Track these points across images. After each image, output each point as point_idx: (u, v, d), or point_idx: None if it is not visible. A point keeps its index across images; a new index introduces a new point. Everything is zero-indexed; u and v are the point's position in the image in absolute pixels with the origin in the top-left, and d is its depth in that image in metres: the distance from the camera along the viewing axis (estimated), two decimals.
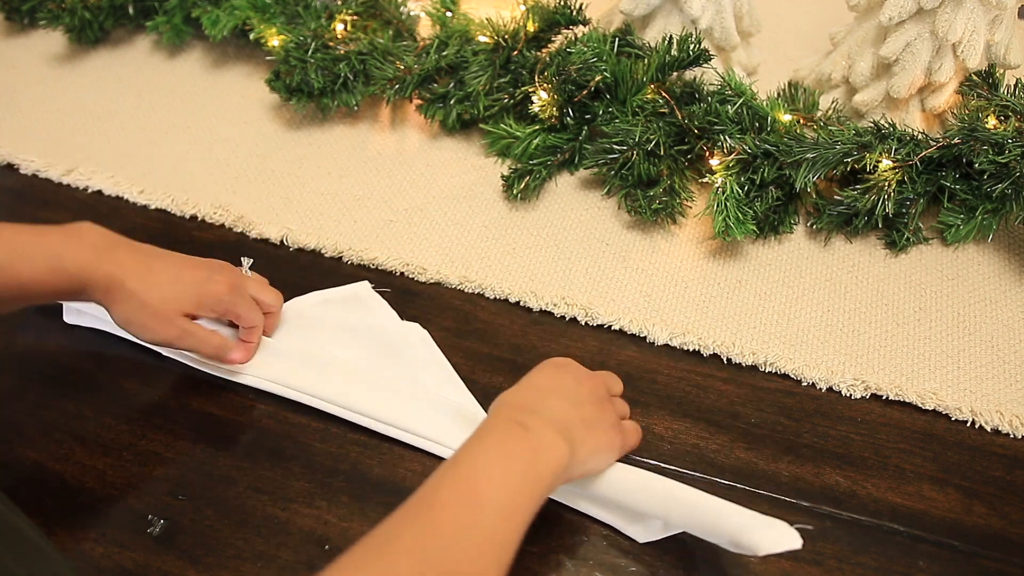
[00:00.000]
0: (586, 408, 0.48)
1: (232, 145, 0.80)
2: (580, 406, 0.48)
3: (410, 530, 0.38)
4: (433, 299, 0.67)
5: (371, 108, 0.83)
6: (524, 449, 0.43)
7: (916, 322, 0.65)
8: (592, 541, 0.53)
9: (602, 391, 0.52)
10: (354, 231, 0.72)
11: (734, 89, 0.71)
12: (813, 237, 0.71)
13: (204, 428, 0.58)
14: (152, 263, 0.53)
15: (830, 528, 0.53)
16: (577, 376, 0.51)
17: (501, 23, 0.77)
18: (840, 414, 0.60)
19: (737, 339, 0.63)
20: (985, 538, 0.53)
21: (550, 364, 0.52)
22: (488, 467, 0.41)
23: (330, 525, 0.53)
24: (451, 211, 0.73)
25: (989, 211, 0.67)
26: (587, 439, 0.47)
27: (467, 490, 0.40)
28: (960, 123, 0.68)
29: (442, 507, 0.39)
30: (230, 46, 0.91)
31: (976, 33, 0.68)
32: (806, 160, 0.65)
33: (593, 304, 0.65)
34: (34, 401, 0.60)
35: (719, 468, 0.56)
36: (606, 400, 0.51)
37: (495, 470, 0.41)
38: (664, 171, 0.71)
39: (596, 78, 0.72)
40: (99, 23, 0.88)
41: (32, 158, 0.78)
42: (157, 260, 0.54)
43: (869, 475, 0.56)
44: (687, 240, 0.71)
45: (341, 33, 0.80)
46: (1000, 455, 0.57)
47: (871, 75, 0.74)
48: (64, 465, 0.56)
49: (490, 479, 0.41)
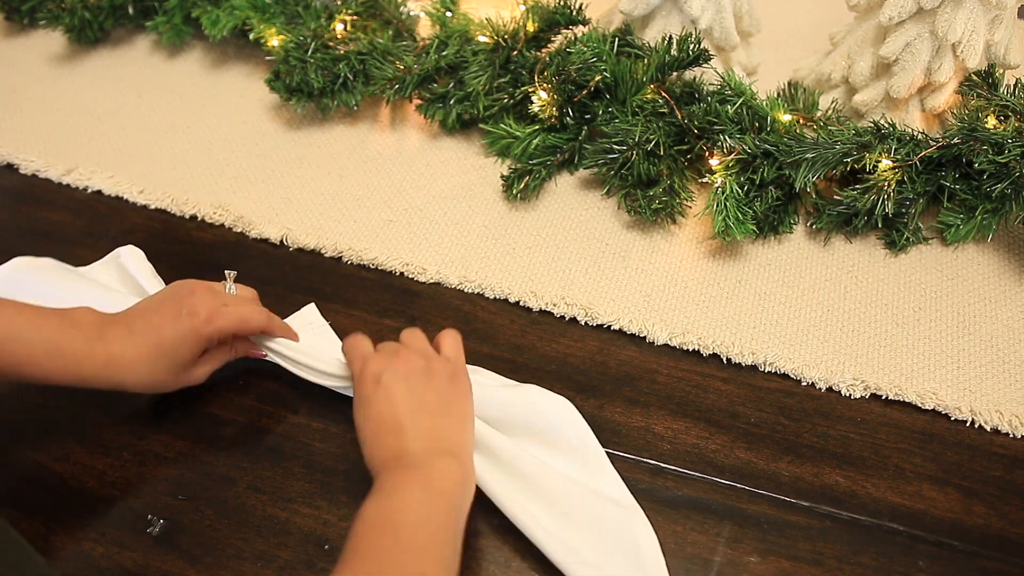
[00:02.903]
0: (430, 396, 0.50)
1: (232, 145, 0.80)
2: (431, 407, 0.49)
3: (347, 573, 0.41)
4: (433, 299, 0.67)
5: (371, 108, 0.83)
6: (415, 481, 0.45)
7: (916, 322, 0.65)
8: None
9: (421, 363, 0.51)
10: (354, 231, 0.72)
11: (734, 89, 0.71)
12: (813, 237, 0.71)
13: (204, 428, 0.58)
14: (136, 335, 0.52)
15: (830, 528, 0.53)
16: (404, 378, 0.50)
17: (501, 23, 0.77)
18: (840, 414, 0.60)
19: (737, 339, 0.63)
20: (985, 538, 0.53)
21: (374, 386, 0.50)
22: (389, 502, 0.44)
23: (330, 525, 0.53)
24: (451, 211, 0.73)
25: (989, 211, 0.67)
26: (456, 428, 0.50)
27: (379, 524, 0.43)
28: (960, 123, 0.68)
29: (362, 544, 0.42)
30: (230, 46, 0.91)
31: (976, 33, 0.68)
32: (806, 160, 0.65)
33: (593, 304, 0.65)
34: (34, 401, 0.60)
35: (719, 468, 0.56)
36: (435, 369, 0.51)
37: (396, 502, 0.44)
38: (664, 171, 0.71)
39: (596, 78, 0.72)
40: (99, 23, 0.88)
41: (32, 158, 0.78)
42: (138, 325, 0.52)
43: (869, 475, 0.56)
44: (687, 240, 0.71)
45: (341, 33, 0.80)
46: (1000, 455, 0.57)
47: (871, 75, 0.74)
48: (64, 465, 0.56)
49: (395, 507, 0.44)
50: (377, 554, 0.42)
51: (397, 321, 0.65)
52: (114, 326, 0.52)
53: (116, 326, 0.52)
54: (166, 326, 0.52)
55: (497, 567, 0.51)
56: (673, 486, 0.55)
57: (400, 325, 0.63)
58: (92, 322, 0.51)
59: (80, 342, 0.50)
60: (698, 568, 0.52)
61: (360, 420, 0.50)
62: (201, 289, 0.54)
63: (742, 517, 0.54)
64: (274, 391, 0.60)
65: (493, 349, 0.63)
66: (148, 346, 0.51)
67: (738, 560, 0.52)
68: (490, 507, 0.54)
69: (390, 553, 0.42)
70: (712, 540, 0.53)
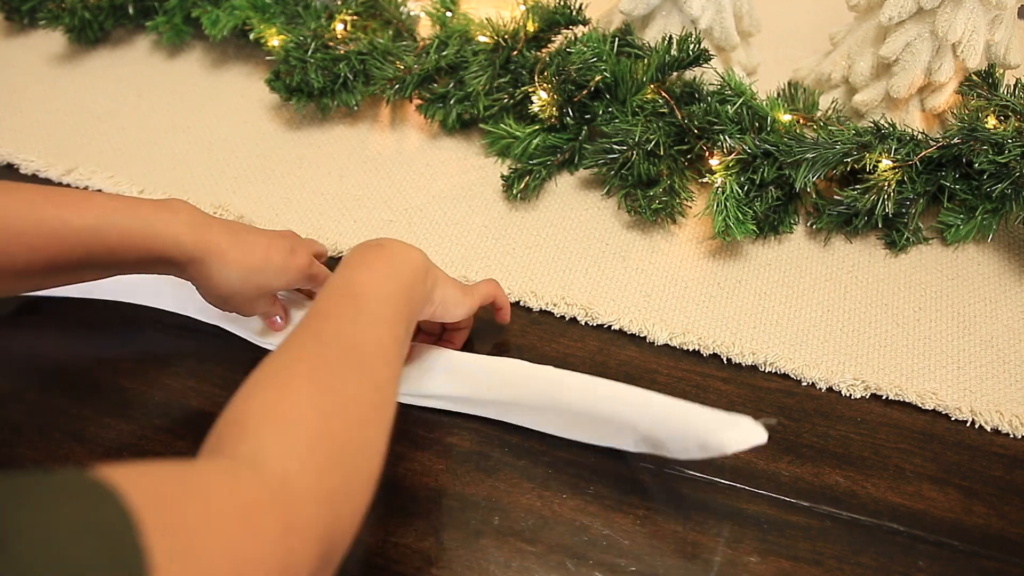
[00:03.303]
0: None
1: (232, 145, 0.80)
2: None
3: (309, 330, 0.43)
4: None
5: (371, 108, 0.83)
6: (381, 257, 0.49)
7: (916, 322, 0.65)
8: (592, 541, 0.53)
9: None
10: (354, 231, 0.72)
11: (734, 89, 0.71)
12: (813, 237, 0.71)
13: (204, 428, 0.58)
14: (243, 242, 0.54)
15: (830, 528, 0.53)
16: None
17: (501, 23, 0.77)
18: (840, 414, 0.60)
19: (737, 339, 0.63)
20: (985, 538, 0.53)
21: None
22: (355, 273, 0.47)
23: None
24: (451, 211, 0.73)
25: (989, 211, 0.67)
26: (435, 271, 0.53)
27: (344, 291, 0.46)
28: (960, 123, 0.68)
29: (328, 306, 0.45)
30: (230, 46, 0.91)
31: (976, 33, 0.68)
32: (806, 160, 0.65)
33: (593, 304, 0.65)
34: (34, 401, 0.60)
35: (719, 468, 0.56)
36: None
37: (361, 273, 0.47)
38: (664, 171, 0.71)
39: (596, 78, 0.72)
40: (99, 23, 0.88)
41: (32, 158, 0.78)
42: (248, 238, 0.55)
43: (869, 475, 0.56)
44: (687, 240, 0.71)
45: (341, 33, 0.80)
46: (1000, 455, 0.57)
47: (871, 75, 0.74)
48: (64, 465, 0.56)
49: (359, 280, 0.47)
50: (339, 317, 0.44)
51: None
52: (220, 223, 0.53)
53: (222, 224, 0.53)
54: (275, 253, 0.55)
55: (497, 567, 0.51)
56: (673, 486, 0.55)
57: None
58: (192, 212, 0.52)
59: (180, 226, 0.51)
60: (698, 568, 0.52)
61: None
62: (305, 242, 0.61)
63: (742, 517, 0.54)
64: None
65: (493, 349, 0.63)
66: (253, 257, 0.54)
67: (738, 560, 0.52)
68: (489, 507, 0.54)
69: (351, 318, 0.44)
70: (712, 540, 0.53)
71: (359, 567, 0.51)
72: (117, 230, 0.49)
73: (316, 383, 0.39)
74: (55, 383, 0.61)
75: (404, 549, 0.52)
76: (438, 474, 0.56)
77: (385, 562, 0.51)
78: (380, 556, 0.52)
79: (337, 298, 0.46)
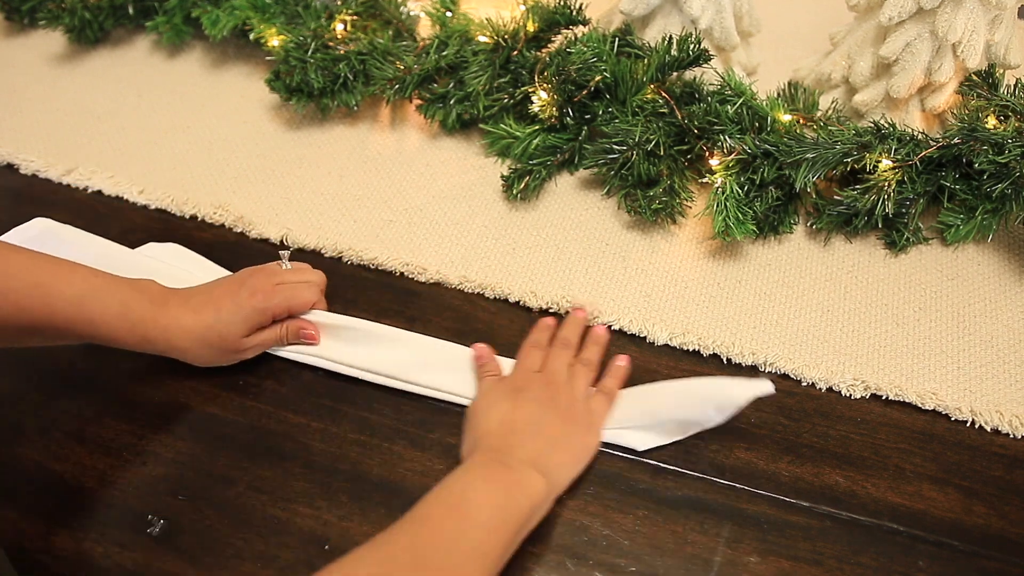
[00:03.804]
0: (555, 428, 0.53)
1: (232, 145, 0.80)
2: (550, 434, 0.53)
3: (404, 537, 0.43)
4: (433, 299, 0.67)
5: (371, 108, 0.83)
6: (506, 481, 0.48)
7: (916, 322, 0.65)
8: (592, 541, 0.53)
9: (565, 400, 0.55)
10: (354, 231, 0.72)
11: (734, 89, 0.71)
12: (813, 237, 0.71)
13: (204, 428, 0.58)
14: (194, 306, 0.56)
15: (830, 528, 0.53)
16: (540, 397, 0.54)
17: (501, 23, 0.77)
18: (840, 414, 0.60)
19: (737, 339, 0.63)
20: (985, 538, 0.53)
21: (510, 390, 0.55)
22: (474, 491, 0.47)
23: (330, 525, 0.53)
24: (451, 211, 0.73)
25: (989, 211, 0.67)
26: (563, 462, 0.53)
27: (456, 507, 0.45)
28: (960, 123, 0.68)
29: (433, 520, 0.44)
30: (230, 46, 0.91)
31: (976, 33, 0.68)
32: (806, 160, 0.65)
33: (593, 304, 0.65)
34: (34, 401, 0.60)
35: (719, 468, 0.56)
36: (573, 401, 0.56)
37: (480, 493, 0.46)
38: (664, 171, 0.71)
39: (596, 78, 0.72)
40: (99, 23, 0.88)
41: (32, 158, 0.78)
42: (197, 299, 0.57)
43: (869, 475, 0.56)
44: (687, 240, 0.71)
45: (341, 33, 0.80)
46: (1000, 455, 0.57)
47: (871, 75, 0.74)
48: (64, 465, 0.56)
49: (476, 500, 0.46)
50: (437, 533, 0.43)
51: (396, 321, 0.65)
52: (176, 296, 0.57)
53: (178, 296, 0.57)
54: (225, 300, 0.57)
55: None
56: (673, 486, 0.55)
57: (399, 325, 0.63)
58: (158, 291, 0.56)
59: (147, 306, 0.55)
60: (698, 568, 0.52)
61: (479, 410, 0.55)
62: (260, 272, 0.60)
63: (742, 517, 0.54)
64: (274, 391, 0.60)
65: (493, 349, 0.63)
66: (205, 317, 0.56)
67: (738, 560, 0.52)
68: None
69: (450, 539, 0.43)
70: (712, 540, 0.53)
71: None
72: (99, 306, 0.53)
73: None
74: (55, 383, 0.61)
75: None
76: (438, 474, 0.56)
77: None
78: None
79: (443, 510, 0.45)
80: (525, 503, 0.47)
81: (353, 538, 0.53)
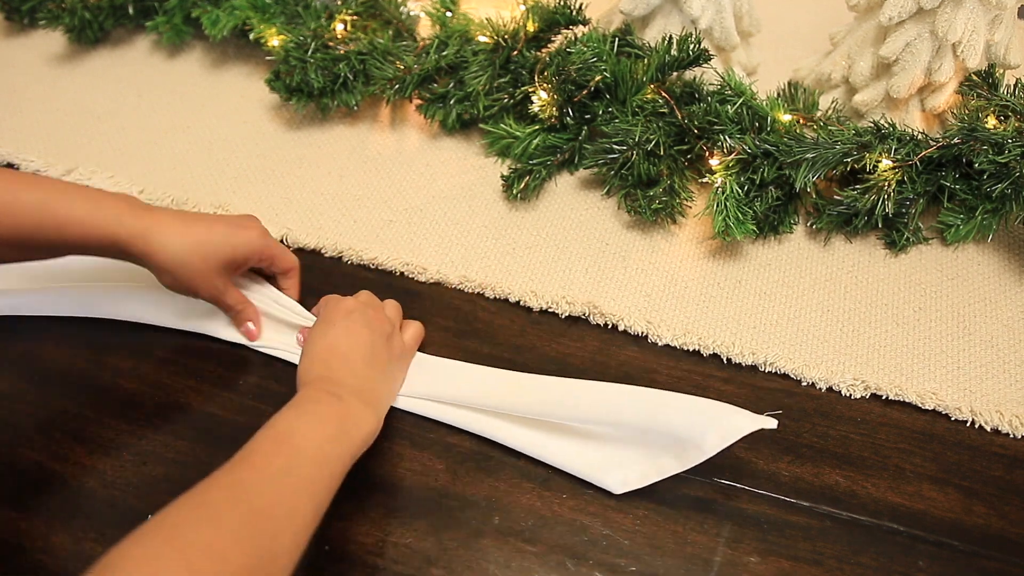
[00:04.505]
0: (381, 356, 0.55)
1: (232, 145, 0.80)
2: (377, 361, 0.54)
3: (228, 476, 0.42)
4: (433, 299, 0.67)
5: (371, 108, 0.83)
6: (336, 415, 0.48)
7: (916, 322, 0.65)
8: (592, 541, 0.53)
9: (388, 328, 0.57)
10: (354, 231, 0.72)
11: (734, 89, 0.71)
12: (813, 237, 0.71)
13: (204, 428, 0.58)
14: (185, 218, 0.56)
15: (830, 528, 0.53)
16: (369, 324, 0.55)
17: (501, 23, 0.77)
18: (840, 414, 0.60)
19: (737, 339, 0.63)
20: (985, 538, 0.53)
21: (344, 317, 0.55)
22: (303, 425, 0.46)
23: (329, 525, 0.53)
24: (451, 211, 0.73)
25: (989, 211, 0.67)
26: (390, 392, 0.55)
27: (283, 442, 0.45)
28: (960, 123, 0.68)
29: (260, 455, 0.44)
30: (230, 46, 0.91)
31: (976, 33, 0.68)
32: (806, 160, 0.65)
33: (593, 304, 0.65)
34: (34, 401, 0.60)
35: (719, 468, 0.56)
36: (395, 341, 0.57)
37: (309, 427, 0.46)
38: (664, 171, 0.71)
39: (596, 78, 0.72)
40: (99, 23, 0.88)
41: (32, 158, 0.78)
42: (191, 216, 0.56)
43: (869, 475, 0.56)
44: (687, 240, 0.71)
45: (341, 33, 0.80)
46: (1000, 455, 0.57)
47: (871, 75, 0.74)
48: (64, 465, 0.56)
49: (305, 434, 0.45)
50: (263, 470, 0.43)
51: None
52: (165, 209, 0.56)
53: (167, 209, 0.56)
54: (219, 224, 0.57)
55: (497, 567, 0.51)
56: (673, 486, 0.55)
57: None
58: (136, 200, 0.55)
59: (123, 207, 0.53)
60: (698, 568, 0.52)
61: (314, 337, 0.54)
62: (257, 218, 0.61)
63: (742, 517, 0.54)
64: (274, 391, 0.60)
65: (493, 349, 0.63)
66: (196, 232, 0.55)
67: (738, 560, 0.52)
68: (489, 507, 0.54)
69: (277, 477, 0.43)
70: (712, 540, 0.53)
71: (359, 568, 0.51)
72: (65, 207, 0.51)
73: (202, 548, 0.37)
74: (55, 383, 0.61)
75: (404, 549, 0.52)
76: (438, 474, 0.56)
77: (385, 562, 0.51)
78: (380, 556, 0.52)
79: (271, 446, 0.44)
80: (357, 436, 0.48)
81: (353, 538, 0.53)
